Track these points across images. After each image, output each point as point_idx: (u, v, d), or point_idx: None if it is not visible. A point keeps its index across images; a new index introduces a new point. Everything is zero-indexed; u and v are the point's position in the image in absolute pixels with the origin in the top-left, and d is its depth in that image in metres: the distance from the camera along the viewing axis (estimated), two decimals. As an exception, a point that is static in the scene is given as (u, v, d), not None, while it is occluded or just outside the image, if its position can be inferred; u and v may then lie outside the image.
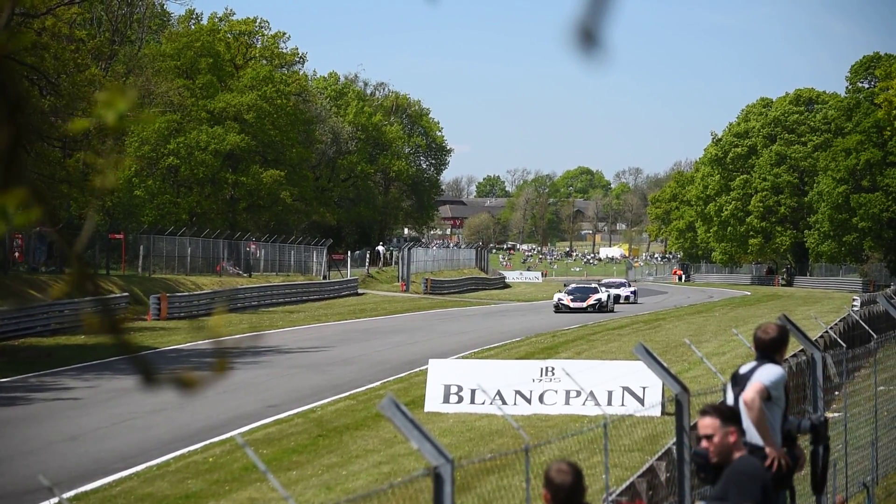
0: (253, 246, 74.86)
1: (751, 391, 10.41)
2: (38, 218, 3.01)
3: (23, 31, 43.77)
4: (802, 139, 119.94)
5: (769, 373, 10.55)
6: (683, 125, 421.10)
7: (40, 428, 23.81)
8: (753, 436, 10.52)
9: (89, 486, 18.06)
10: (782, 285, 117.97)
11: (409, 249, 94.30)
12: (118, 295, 51.31)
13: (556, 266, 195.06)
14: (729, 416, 8.72)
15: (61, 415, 25.59)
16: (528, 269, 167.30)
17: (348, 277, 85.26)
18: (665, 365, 11.19)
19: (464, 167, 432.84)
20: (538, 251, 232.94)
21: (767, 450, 10.34)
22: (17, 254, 53.74)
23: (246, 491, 17.62)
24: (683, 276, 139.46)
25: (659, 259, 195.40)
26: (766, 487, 8.52)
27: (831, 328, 26.99)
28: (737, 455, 8.63)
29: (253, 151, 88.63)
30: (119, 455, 20.70)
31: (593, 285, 71.91)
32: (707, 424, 8.78)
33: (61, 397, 28.49)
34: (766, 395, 10.45)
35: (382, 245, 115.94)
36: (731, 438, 8.62)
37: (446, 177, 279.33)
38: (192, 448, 21.23)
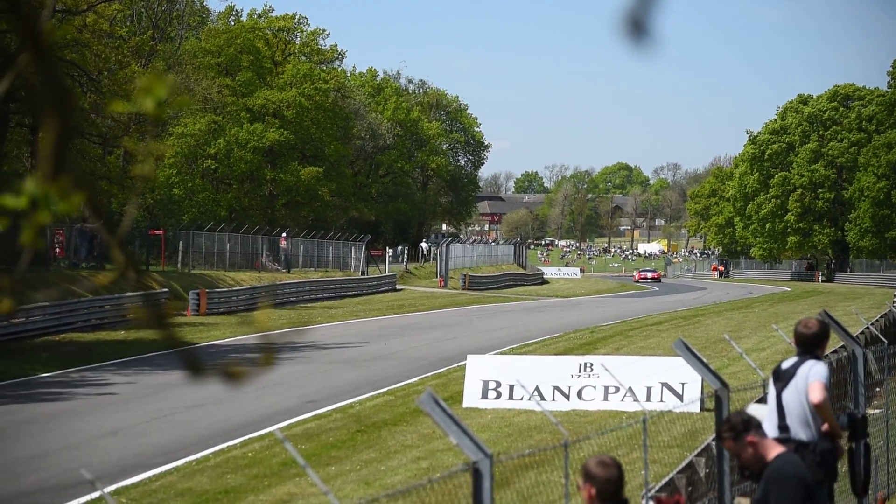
0: (284, 242, 74.97)
1: (818, 392, 10.36)
2: (81, 206, 3.03)
3: (63, 26, 44.07)
4: (840, 136, 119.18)
5: (821, 370, 10.53)
6: (723, 121, 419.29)
7: (81, 422, 23.97)
8: (798, 432, 10.48)
9: (130, 481, 18.17)
10: (822, 281, 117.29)
11: (448, 245, 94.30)
12: (158, 290, 51.57)
13: (594, 262, 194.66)
14: (741, 427, 8.55)
15: (102, 410, 25.76)
16: (567, 266, 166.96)
17: (386, 273, 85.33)
18: (704, 361, 11.16)
19: (502, 163, 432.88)
20: (576, 247, 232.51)
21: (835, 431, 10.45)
22: (57, 249, 54.07)
23: (285, 486, 17.68)
24: (723, 272, 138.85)
25: (698, 255, 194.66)
26: (807, 486, 8.39)
27: (872, 324, 26.83)
28: (772, 455, 8.46)
29: (292, 148, 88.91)
30: (159, 450, 20.81)
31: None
32: (728, 448, 8.70)
33: (102, 392, 28.67)
34: (827, 389, 10.48)
35: (425, 241, 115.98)
36: (751, 449, 8.47)
37: (484, 173, 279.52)
38: (231, 443, 21.32)
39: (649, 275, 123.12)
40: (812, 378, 10.44)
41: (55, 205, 2.81)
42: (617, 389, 24.67)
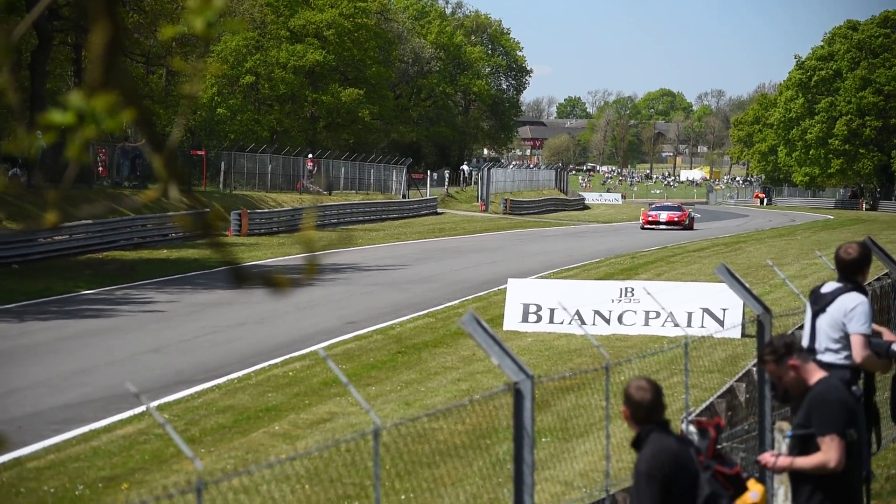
0: (310, 163, 74.89)
1: (859, 349, 10.26)
2: (128, 122, 3.02)
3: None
4: (889, 63, 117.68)
5: (860, 316, 10.34)
6: (768, 47, 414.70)
7: (124, 339, 24.18)
8: (824, 357, 10.42)
9: (172, 397, 18.34)
10: (867, 210, 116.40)
11: (489, 169, 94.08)
12: (202, 210, 51.69)
13: (635, 188, 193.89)
14: (783, 351, 8.49)
15: (144, 327, 25.97)
16: (608, 191, 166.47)
17: (427, 197, 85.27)
18: (747, 285, 11.11)
19: (544, 88, 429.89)
20: (618, 173, 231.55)
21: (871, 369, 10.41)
22: (100, 168, 54.32)
23: (325, 405, 17.80)
24: (765, 200, 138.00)
25: (740, 182, 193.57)
26: (850, 410, 8.35)
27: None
28: (814, 380, 8.41)
29: (333, 69, 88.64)
30: (201, 367, 20.98)
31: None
32: (770, 371, 8.65)
33: (144, 310, 28.89)
34: (869, 340, 10.33)
35: (466, 165, 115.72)
36: (792, 373, 8.42)
37: (526, 97, 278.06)
38: (272, 362, 21.45)
39: (663, 217, 69.38)
40: (853, 329, 10.32)
41: (102, 120, 2.80)
42: (657, 314, 24.65)
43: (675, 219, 68.99)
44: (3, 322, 26.49)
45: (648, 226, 68.39)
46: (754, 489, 7.90)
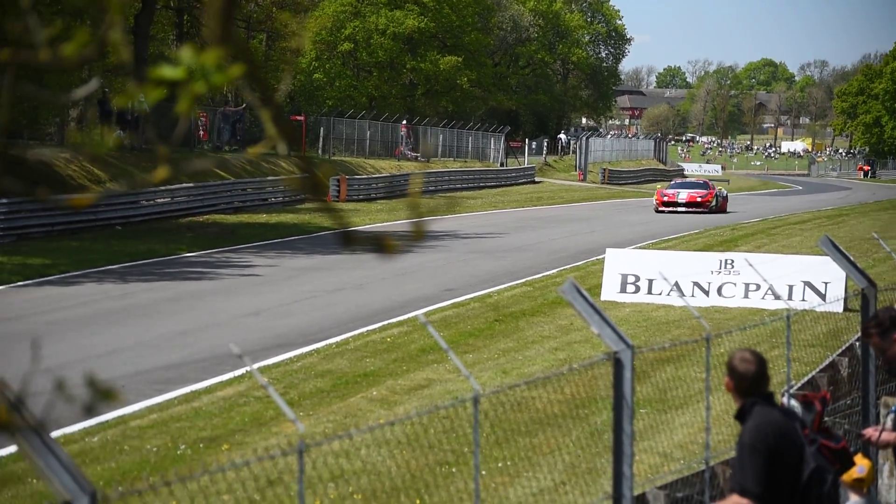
0: (404, 129, 74.92)
1: None
2: (238, 78, 3.02)
3: None
4: None
5: None
6: (873, 17, 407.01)
7: (225, 302, 24.46)
8: None
9: (271, 360, 18.52)
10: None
11: (587, 139, 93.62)
12: (299, 176, 52.04)
13: (735, 160, 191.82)
14: (888, 324, 8.35)
15: (244, 290, 26.23)
16: (708, 162, 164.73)
17: (525, 165, 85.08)
18: (851, 258, 10.94)
19: (644, 57, 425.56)
20: (717, 144, 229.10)
21: None
22: (201, 132, 54.89)
23: (423, 372, 17.87)
24: (869, 173, 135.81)
25: (843, 154, 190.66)
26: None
27: None
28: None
29: (431, 36, 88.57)
30: (300, 332, 21.16)
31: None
32: (874, 345, 8.52)
33: (244, 273, 29.19)
34: None
35: (564, 134, 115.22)
36: None
37: (625, 66, 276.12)
38: (370, 328, 21.57)
39: (682, 196, 55.81)
40: None
41: (211, 75, 2.81)
42: (757, 287, 24.40)
43: (699, 199, 55.04)
44: (106, 283, 26.94)
45: (663, 208, 54.83)
46: (861, 464, 7.80)
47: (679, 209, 54.74)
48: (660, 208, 55.09)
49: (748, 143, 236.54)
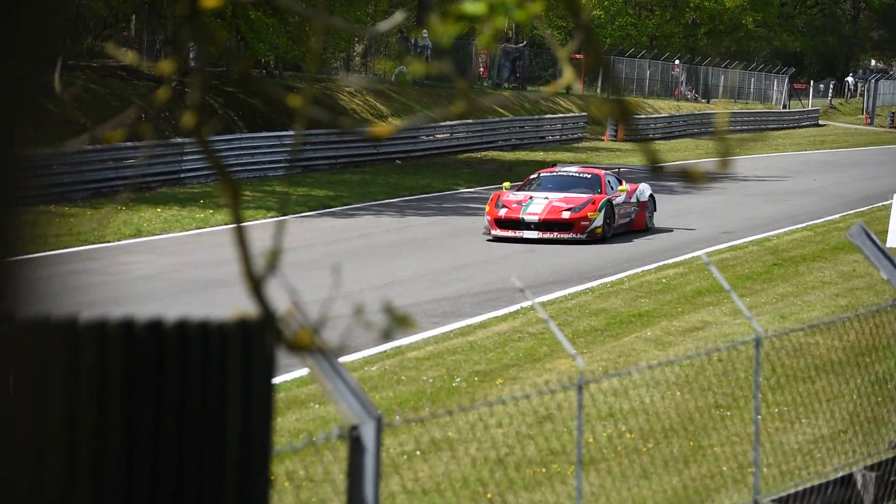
0: (677, 69, 73.58)
1: None
2: (536, 15, 3.01)
3: None
4: None
5: None
6: None
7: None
8: None
9: (546, 297, 18.58)
10: None
11: (876, 81, 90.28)
12: (578, 114, 52.04)
13: None
14: None
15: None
16: None
17: (809, 108, 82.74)
18: None
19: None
20: None
21: None
22: (482, 69, 55.36)
23: (698, 314, 17.67)
24: None
25: None
26: None
27: None
28: None
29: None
30: (574, 270, 21.20)
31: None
32: None
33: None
34: None
35: (852, 76, 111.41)
36: None
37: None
38: (646, 268, 21.44)
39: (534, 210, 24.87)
40: None
41: (512, 11, 2.80)
42: None
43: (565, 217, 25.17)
44: (386, 215, 27.57)
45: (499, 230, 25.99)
46: None
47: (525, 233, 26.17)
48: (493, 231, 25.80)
49: None
